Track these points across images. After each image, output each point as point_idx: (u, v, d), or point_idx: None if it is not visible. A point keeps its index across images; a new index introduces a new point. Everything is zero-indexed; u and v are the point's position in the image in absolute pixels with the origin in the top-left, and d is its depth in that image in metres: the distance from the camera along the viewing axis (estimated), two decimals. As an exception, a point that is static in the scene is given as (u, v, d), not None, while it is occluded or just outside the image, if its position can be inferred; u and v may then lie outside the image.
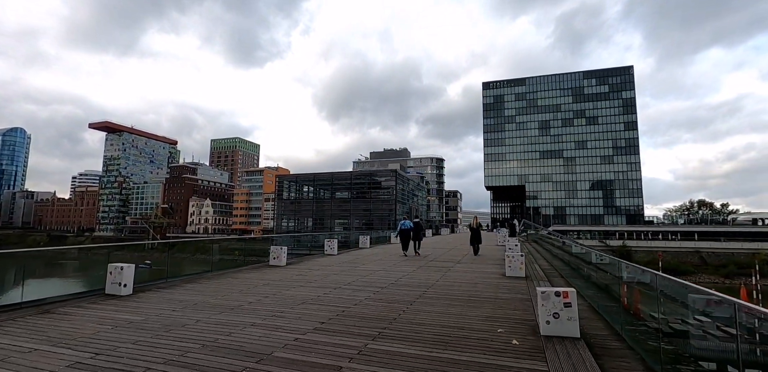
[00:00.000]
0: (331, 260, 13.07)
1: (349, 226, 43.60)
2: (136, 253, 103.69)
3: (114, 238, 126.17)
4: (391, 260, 13.08)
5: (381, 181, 42.37)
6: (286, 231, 44.74)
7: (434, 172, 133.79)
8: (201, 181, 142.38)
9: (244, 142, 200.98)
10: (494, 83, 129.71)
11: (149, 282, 8.65)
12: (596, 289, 6.94)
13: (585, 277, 7.82)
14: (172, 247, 22.31)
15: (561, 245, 18.21)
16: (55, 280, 53.40)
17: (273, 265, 11.41)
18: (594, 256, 7.95)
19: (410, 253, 15.74)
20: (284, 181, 45.74)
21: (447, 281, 8.49)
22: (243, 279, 8.91)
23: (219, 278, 9.03)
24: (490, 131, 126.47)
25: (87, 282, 44.74)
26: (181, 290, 7.56)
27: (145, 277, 33.24)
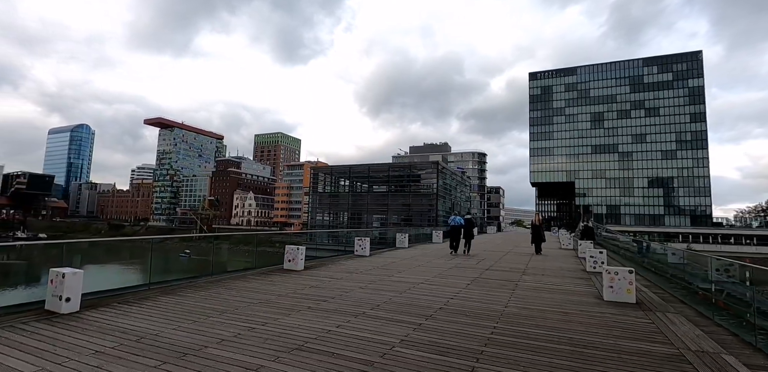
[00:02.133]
0: (360, 264, 10.71)
1: (387, 222, 41.34)
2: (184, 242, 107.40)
3: (166, 228, 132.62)
4: (435, 267, 10.50)
5: (421, 173, 39.53)
6: (320, 225, 43.31)
7: (476, 167, 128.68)
8: (245, 174, 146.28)
9: (286, 137, 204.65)
10: (542, 74, 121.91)
11: (124, 290, 6.72)
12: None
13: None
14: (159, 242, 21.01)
15: (644, 251, 14.80)
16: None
17: (287, 270, 9.23)
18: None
19: (459, 252, 14.35)
20: (319, 174, 44.09)
21: (522, 307, 5.82)
22: (238, 290, 6.74)
23: (210, 287, 6.93)
24: (537, 124, 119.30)
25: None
26: (147, 307, 5.47)
27: (184, 266, 32.16)
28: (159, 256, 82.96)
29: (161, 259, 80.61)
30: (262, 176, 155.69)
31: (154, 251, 8.28)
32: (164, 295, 6.36)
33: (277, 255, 9.82)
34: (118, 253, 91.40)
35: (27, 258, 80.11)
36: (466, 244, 14.50)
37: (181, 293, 6.50)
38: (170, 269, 69.73)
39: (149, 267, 7.44)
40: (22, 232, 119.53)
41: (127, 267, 69.38)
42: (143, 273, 57.42)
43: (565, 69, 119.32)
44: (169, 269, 70.05)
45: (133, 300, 5.96)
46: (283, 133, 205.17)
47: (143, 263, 75.51)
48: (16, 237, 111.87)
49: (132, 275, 56.28)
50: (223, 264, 57.27)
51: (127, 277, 52.90)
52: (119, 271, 63.78)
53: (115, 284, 7.77)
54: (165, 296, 6.24)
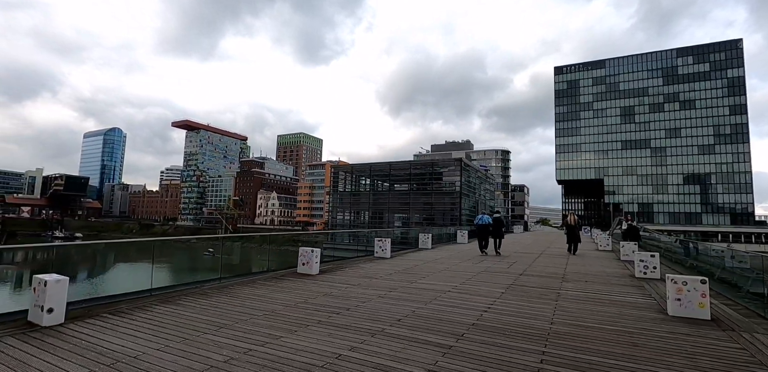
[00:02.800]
0: (380, 268, 9.92)
1: (408, 221, 40.42)
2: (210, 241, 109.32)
3: (193, 227, 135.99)
4: (462, 271, 9.58)
5: (444, 171, 38.36)
6: (341, 225, 42.78)
7: (499, 165, 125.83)
8: (268, 174, 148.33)
9: (308, 137, 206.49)
10: (568, 67, 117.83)
11: (123, 297, 6.17)
12: None
13: None
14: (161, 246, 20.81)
15: (693, 253, 13.37)
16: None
17: (301, 274, 8.53)
18: None
19: (489, 252, 13.70)
20: (339, 172, 43.52)
21: (571, 324, 4.88)
22: (244, 299, 6.06)
23: (214, 295, 6.28)
24: (563, 120, 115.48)
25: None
26: (138, 320, 4.84)
27: (208, 264, 31.91)
28: (185, 254, 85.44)
29: (187, 257, 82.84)
30: (284, 176, 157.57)
31: (180, 250, 7.79)
32: (162, 303, 5.75)
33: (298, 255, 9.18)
34: (148, 251, 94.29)
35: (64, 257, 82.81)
36: (496, 244, 13.78)
37: (182, 302, 5.88)
38: (196, 268, 71.52)
39: (151, 272, 6.87)
40: (59, 231, 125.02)
41: (157, 265, 71.01)
42: (171, 271, 58.96)
43: (592, 62, 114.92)
44: (196, 268, 71.87)
45: (126, 310, 5.36)
46: (305, 133, 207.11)
47: (171, 262, 77.79)
48: (54, 236, 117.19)
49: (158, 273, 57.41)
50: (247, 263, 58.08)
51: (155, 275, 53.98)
52: (148, 269, 65.40)
53: (134, 285, 7.30)
54: (162, 305, 5.62)
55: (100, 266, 70.61)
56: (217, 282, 7.73)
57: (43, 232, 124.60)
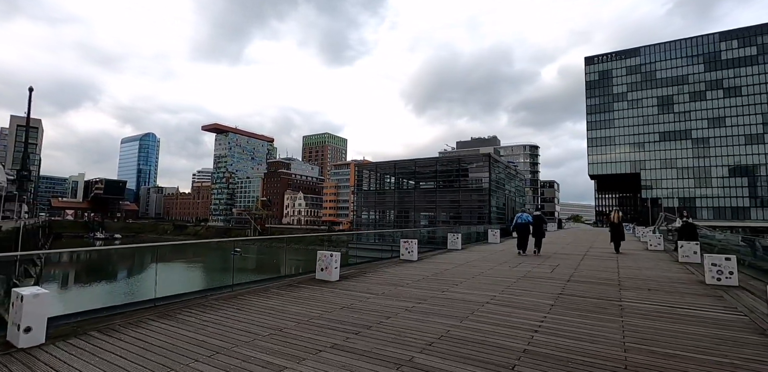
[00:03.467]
0: (406, 272, 9.03)
1: (435, 220, 39.27)
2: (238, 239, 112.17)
3: (223, 227, 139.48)
4: (500, 276, 8.55)
5: (471, 167, 36.92)
6: (366, 224, 42.08)
7: (527, 160, 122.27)
8: (294, 175, 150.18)
9: (333, 138, 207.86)
10: (600, 57, 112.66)
11: (124, 309, 5.59)
12: None
13: None
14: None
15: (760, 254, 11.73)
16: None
17: (320, 281, 7.76)
18: None
19: (529, 252, 13.14)
20: (363, 171, 42.80)
21: (648, 350, 3.83)
22: (252, 311, 5.32)
23: (220, 306, 5.59)
24: (595, 112, 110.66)
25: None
26: (125, 341, 4.18)
27: (236, 264, 31.45)
28: (216, 254, 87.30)
29: (218, 257, 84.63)
30: (310, 176, 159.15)
31: (212, 250, 7.46)
32: (161, 318, 5.09)
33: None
34: (184, 251, 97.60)
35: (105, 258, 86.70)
36: (536, 244, 13.06)
37: (183, 316, 5.21)
38: (227, 268, 72.07)
39: (155, 280, 6.27)
40: (101, 232, 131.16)
41: (190, 265, 73.63)
42: (203, 271, 60.30)
43: (626, 50, 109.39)
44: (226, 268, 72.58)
45: (119, 326, 4.73)
46: (330, 134, 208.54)
47: (204, 261, 79.84)
48: (96, 237, 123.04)
49: (192, 273, 58.98)
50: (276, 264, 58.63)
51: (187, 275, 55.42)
52: (184, 269, 67.76)
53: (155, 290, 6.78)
54: (160, 321, 4.95)
55: (138, 266, 73.43)
56: (229, 290, 7.08)
57: (86, 233, 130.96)
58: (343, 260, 8.57)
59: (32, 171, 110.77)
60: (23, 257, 34.58)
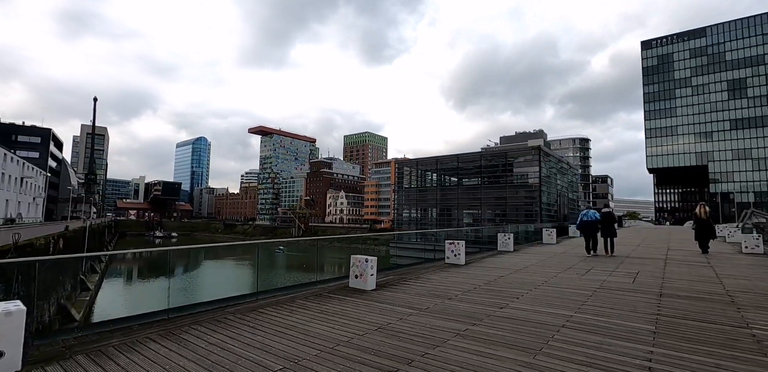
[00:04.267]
0: (454, 280, 7.81)
1: (480, 218, 37.36)
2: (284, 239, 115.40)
3: (269, 226, 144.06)
4: (569, 287, 7.10)
5: (519, 162, 34.56)
6: (407, 222, 40.84)
7: (577, 154, 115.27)
8: (336, 174, 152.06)
9: (373, 136, 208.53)
10: (658, 41, 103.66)
11: (132, 321, 4.90)
12: None
13: None
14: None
15: None
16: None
17: (354, 289, 6.76)
18: None
19: (599, 253, 11.98)
20: (404, 168, 41.54)
21: None
22: (269, 332, 4.36)
23: (235, 322, 4.70)
24: (654, 100, 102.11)
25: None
26: (115, 367, 3.38)
27: (279, 262, 31.50)
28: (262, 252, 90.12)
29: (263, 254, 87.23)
30: (352, 175, 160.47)
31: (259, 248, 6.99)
32: (164, 337, 4.29)
33: (369, 254, 7.49)
34: (234, 249, 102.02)
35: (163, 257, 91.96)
36: (606, 245, 11.67)
37: (188, 335, 4.38)
38: (273, 264, 75.00)
39: (168, 290, 5.55)
40: (159, 231, 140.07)
41: (240, 262, 76.62)
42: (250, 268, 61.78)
43: (689, 31, 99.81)
44: (270, 265, 75.32)
45: (112, 348, 3.96)
46: (371, 132, 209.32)
47: (252, 259, 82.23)
48: (155, 235, 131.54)
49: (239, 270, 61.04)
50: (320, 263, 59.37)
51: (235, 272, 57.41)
52: (233, 266, 70.70)
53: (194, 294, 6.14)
54: (161, 342, 4.14)
55: (192, 265, 77.41)
56: (252, 299, 6.27)
57: (146, 232, 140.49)
58: (381, 263, 7.55)
59: (99, 175, 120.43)
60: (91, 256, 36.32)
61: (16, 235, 20.28)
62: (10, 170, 52.54)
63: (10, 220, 49.00)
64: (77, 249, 38.78)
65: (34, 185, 63.35)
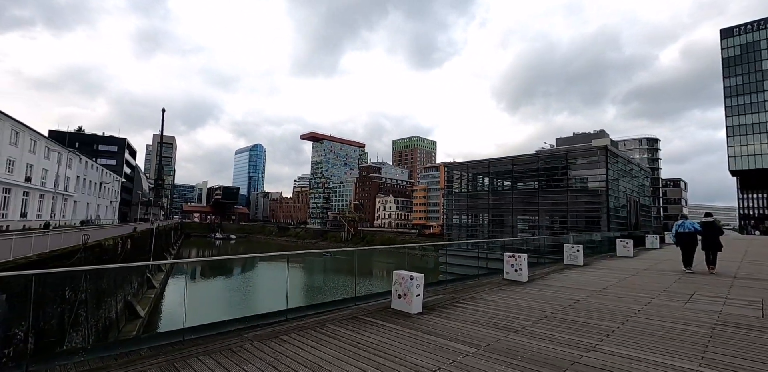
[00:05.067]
0: (517, 303, 6.49)
1: (536, 225, 34.72)
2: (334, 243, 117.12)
3: (320, 230, 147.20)
4: (671, 319, 5.52)
5: (581, 164, 31.54)
6: (457, 228, 38.92)
7: (645, 155, 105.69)
8: (384, 179, 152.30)
9: (422, 141, 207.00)
10: (741, 28, 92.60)
11: (147, 344, 4.25)
12: None
13: None
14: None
15: None
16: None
17: (397, 312, 5.72)
18: None
19: (695, 268, 10.38)
20: (453, 171, 39.73)
21: None
22: (279, 371, 3.46)
23: (248, 355, 3.82)
24: (737, 95, 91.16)
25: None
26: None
27: (329, 265, 31.02)
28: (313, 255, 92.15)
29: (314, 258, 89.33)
30: (400, 180, 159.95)
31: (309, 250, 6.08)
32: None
33: (417, 260, 6.46)
34: (287, 249, 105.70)
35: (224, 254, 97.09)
36: (707, 260, 10.14)
37: (193, 370, 3.59)
38: (315, 270, 76.16)
39: (184, 304, 4.87)
40: (219, 233, 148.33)
41: (294, 264, 78.57)
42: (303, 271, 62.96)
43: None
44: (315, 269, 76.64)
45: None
46: (419, 137, 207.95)
47: (303, 261, 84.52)
48: (216, 237, 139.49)
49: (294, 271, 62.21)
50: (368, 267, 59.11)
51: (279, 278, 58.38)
52: (282, 269, 72.70)
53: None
54: None
55: (249, 264, 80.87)
56: (281, 319, 5.45)
57: (208, 233, 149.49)
58: (428, 275, 6.45)
59: (167, 180, 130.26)
60: (156, 253, 38.60)
61: (85, 236, 21.55)
62: (90, 176, 57.78)
63: (87, 221, 53.69)
64: (144, 249, 41.38)
65: (110, 190, 69.40)
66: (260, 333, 4.79)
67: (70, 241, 20.20)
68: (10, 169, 33.89)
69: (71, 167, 49.29)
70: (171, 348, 4.35)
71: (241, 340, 4.49)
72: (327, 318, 5.51)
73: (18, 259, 13.83)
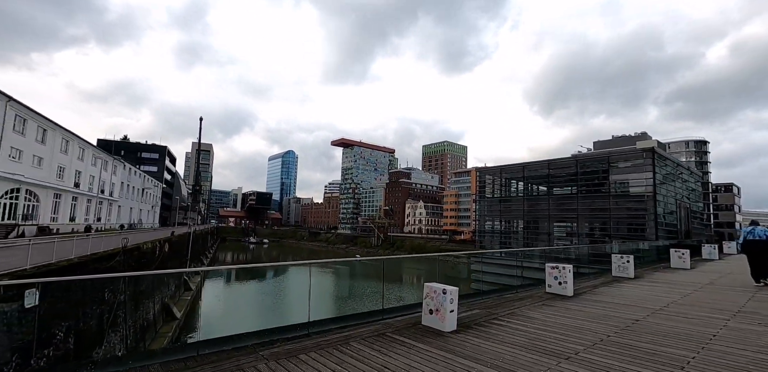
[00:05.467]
0: (565, 322, 5.74)
1: (575, 233, 32.89)
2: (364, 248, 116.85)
3: (350, 235, 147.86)
4: (759, 347, 4.65)
5: (624, 167, 29.58)
6: (490, 234, 37.50)
7: (692, 159, 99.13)
8: (414, 184, 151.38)
9: (452, 145, 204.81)
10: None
11: (158, 359, 3.95)
12: None
13: None
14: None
15: None
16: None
17: (427, 330, 5.13)
18: None
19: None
20: (486, 176, 38.43)
21: None
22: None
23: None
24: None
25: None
26: None
27: (358, 270, 30.47)
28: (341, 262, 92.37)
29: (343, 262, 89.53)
30: (430, 185, 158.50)
31: (340, 256, 5.75)
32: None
33: (448, 268, 5.90)
34: (317, 255, 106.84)
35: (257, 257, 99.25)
36: None
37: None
38: (344, 275, 75.97)
39: (199, 317, 4.55)
40: (253, 237, 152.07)
41: (323, 269, 79.33)
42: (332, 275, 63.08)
43: None
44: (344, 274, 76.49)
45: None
46: (450, 141, 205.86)
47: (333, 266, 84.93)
48: (249, 241, 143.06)
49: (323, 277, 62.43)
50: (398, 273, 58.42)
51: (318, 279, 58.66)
52: (317, 273, 73.36)
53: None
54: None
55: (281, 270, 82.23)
56: (302, 334, 5.03)
57: (242, 238, 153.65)
58: (462, 286, 5.84)
59: (204, 186, 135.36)
60: (192, 257, 39.55)
61: (124, 240, 22.29)
62: (133, 182, 60.70)
63: (130, 225, 56.19)
64: (181, 253, 42.71)
65: (152, 195, 72.65)
66: (278, 351, 4.37)
67: (111, 245, 20.92)
68: (61, 176, 35.96)
69: (116, 174, 51.91)
70: (183, 365, 4.01)
71: (255, 360, 4.07)
72: (351, 334, 5.02)
73: (60, 262, 14.27)
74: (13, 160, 28.31)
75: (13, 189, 28.39)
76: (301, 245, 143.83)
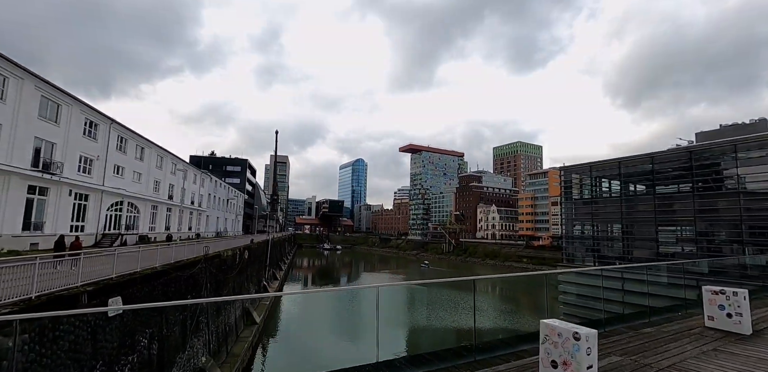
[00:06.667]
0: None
1: (692, 238, 27.71)
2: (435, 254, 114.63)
3: (420, 241, 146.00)
4: None
5: (758, 157, 24.05)
6: (579, 240, 33.13)
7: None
8: (486, 188, 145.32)
9: (525, 146, 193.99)
10: None
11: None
12: None
13: None
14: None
15: None
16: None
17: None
18: None
19: None
20: (572, 175, 34.23)
21: None
22: None
23: None
24: None
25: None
26: None
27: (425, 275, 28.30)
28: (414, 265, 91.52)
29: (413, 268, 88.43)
30: (503, 188, 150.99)
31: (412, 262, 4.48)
32: None
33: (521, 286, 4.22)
34: (388, 262, 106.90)
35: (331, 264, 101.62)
36: None
37: None
38: (416, 276, 73.97)
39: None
40: (327, 243, 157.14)
41: (393, 275, 78.93)
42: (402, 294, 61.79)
43: None
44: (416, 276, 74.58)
45: None
46: (522, 142, 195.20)
47: (406, 272, 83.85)
48: (324, 248, 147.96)
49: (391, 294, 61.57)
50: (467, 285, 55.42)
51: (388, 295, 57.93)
52: (384, 279, 73.07)
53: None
54: None
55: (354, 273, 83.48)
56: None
57: (317, 244, 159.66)
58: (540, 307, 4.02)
59: (281, 196, 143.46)
60: (271, 263, 40.76)
61: (205, 248, 23.18)
62: (219, 193, 65.56)
63: (215, 233, 60.43)
64: (260, 259, 44.55)
65: (235, 205, 78.07)
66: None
67: (193, 253, 21.79)
68: (157, 189, 39.50)
69: (204, 186, 56.29)
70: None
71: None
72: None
73: (144, 270, 14.73)
74: (117, 176, 31.45)
75: (118, 202, 31.49)
76: (372, 251, 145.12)
